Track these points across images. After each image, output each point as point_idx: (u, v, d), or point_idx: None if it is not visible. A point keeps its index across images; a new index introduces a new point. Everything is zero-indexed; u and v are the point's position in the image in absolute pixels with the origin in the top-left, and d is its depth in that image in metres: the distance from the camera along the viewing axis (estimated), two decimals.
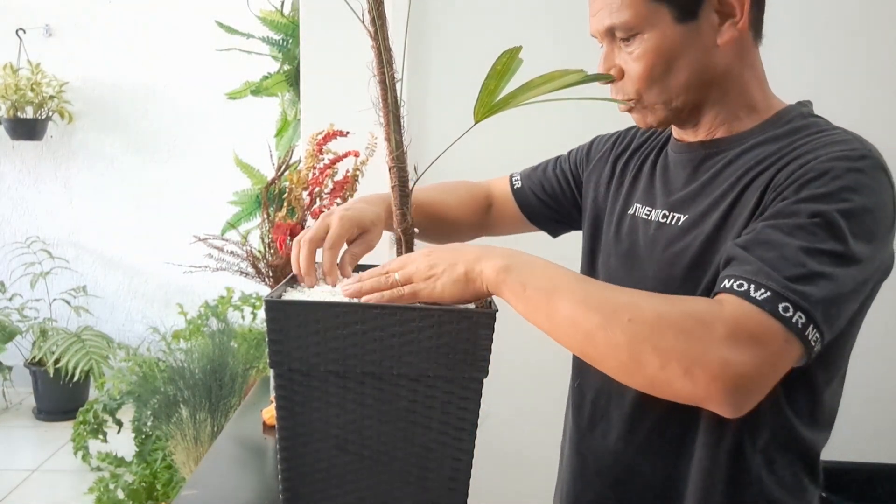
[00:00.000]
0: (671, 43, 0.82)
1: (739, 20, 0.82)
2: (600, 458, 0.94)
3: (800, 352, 0.68)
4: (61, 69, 3.51)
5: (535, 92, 0.81)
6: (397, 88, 0.82)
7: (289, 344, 0.77)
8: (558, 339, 0.74)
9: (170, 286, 3.64)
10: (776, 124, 0.84)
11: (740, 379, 0.65)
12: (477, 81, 0.82)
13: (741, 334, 0.66)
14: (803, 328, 0.67)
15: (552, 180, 1.14)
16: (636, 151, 1.02)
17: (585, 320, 0.70)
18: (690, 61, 0.83)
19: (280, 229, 1.15)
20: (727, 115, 0.87)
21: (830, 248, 0.70)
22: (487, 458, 1.06)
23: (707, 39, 0.82)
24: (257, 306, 2.44)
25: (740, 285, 0.68)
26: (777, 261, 0.69)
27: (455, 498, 0.82)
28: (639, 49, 0.83)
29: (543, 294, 0.73)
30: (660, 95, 0.85)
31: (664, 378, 0.67)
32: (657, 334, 0.67)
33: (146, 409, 2.18)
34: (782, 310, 0.66)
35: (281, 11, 2.11)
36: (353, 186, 1.19)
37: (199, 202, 3.62)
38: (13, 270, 3.61)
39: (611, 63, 0.86)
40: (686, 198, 0.88)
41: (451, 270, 0.78)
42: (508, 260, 0.76)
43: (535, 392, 1.85)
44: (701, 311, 0.68)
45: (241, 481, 1.06)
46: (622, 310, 0.69)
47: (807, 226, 0.71)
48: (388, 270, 0.81)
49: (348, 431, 0.80)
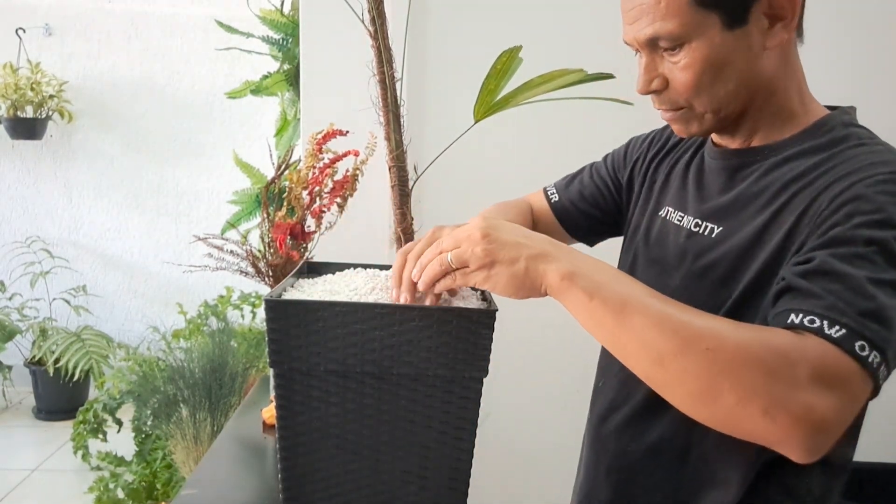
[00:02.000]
0: (721, 51, 0.77)
1: (790, 21, 0.78)
2: (612, 456, 0.93)
3: (871, 389, 0.65)
4: (61, 68, 3.51)
5: (534, 91, 0.81)
6: (397, 88, 0.82)
7: (289, 343, 0.77)
8: (621, 356, 0.70)
9: (170, 286, 3.64)
10: (815, 134, 0.81)
11: (822, 423, 0.62)
12: (477, 81, 0.82)
13: (826, 377, 0.62)
14: (877, 367, 0.64)
15: (591, 188, 1.10)
16: (671, 151, 0.99)
17: (659, 343, 0.66)
18: (740, 68, 0.79)
19: (280, 229, 1.15)
20: (766, 122, 0.83)
21: (891, 277, 0.66)
22: (487, 458, 1.06)
23: (756, 44, 0.78)
24: (257, 305, 2.44)
25: (811, 321, 0.64)
26: (844, 293, 0.65)
27: (455, 498, 0.82)
28: (686, 58, 0.78)
29: (612, 308, 0.68)
30: (709, 104, 0.81)
31: (739, 415, 0.63)
32: (738, 368, 0.63)
33: (146, 409, 2.18)
34: (859, 349, 0.63)
35: (281, 11, 2.11)
36: (353, 186, 1.19)
37: (199, 202, 3.63)
38: (13, 270, 3.61)
39: (654, 73, 0.82)
40: (721, 208, 0.85)
41: (510, 264, 0.71)
42: (575, 265, 0.71)
43: (536, 391, 1.85)
44: (784, 347, 0.64)
45: (241, 481, 1.06)
46: (701, 338, 0.65)
47: (866, 254, 0.67)
48: (442, 249, 0.74)
49: (348, 431, 0.80)
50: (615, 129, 1.25)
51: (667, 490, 0.87)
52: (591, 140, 1.73)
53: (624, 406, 0.93)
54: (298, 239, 1.17)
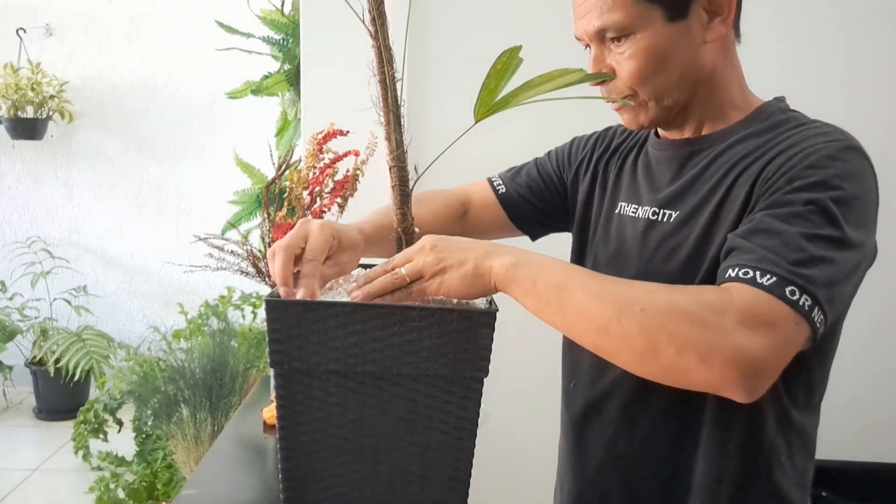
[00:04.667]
0: (663, 41, 0.83)
1: (727, 17, 0.84)
2: (601, 454, 0.94)
3: (808, 334, 0.70)
4: (61, 69, 3.52)
5: (534, 91, 0.81)
6: (397, 88, 0.82)
7: (289, 343, 0.77)
8: (571, 333, 0.75)
9: (170, 286, 3.64)
10: (757, 120, 0.87)
11: (754, 363, 0.67)
12: (477, 81, 0.82)
13: (753, 320, 0.67)
14: (810, 310, 0.68)
15: (537, 181, 1.13)
16: (616, 151, 1.03)
17: (598, 313, 0.71)
18: (681, 59, 0.84)
19: (280, 229, 1.15)
20: (713, 111, 0.89)
21: (827, 233, 0.72)
22: (487, 458, 1.06)
23: (696, 37, 0.84)
24: (257, 305, 2.44)
25: (745, 273, 0.70)
26: (778, 247, 0.71)
27: (455, 498, 0.82)
28: (631, 49, 0.84)
29: (555, 290, 0.74)
30: (653, 93, 0.86)
31: (680, 366, 0.68)
32: (672, 323, 0.68)
33: (147, 409, 2.18)
34: (789, 293, 0.68)
35: (281, 11, 2.11)
36: (353, 186, 1.19)
37: (200, 202, 3.63)
38: (14, 270, 3.61)
39: (602, 64, 0.87)
40: (675, 194, 0.89)
41: (459, 266, 0.77)
42: (518, 257, 0.77)
43: (536, 392, 1.85)
44: (713, 300, 0.69)
45: (242, 481, 1.06)
46: (634, 301, 0.70)
47: (803, 213, 0.73)
48: (394, 266, 0.80)
49: (348, 431, 0.80)
50: None
51: (667, 472, 0.88)
52: None
53: (607, 402, 0.93)
54: None
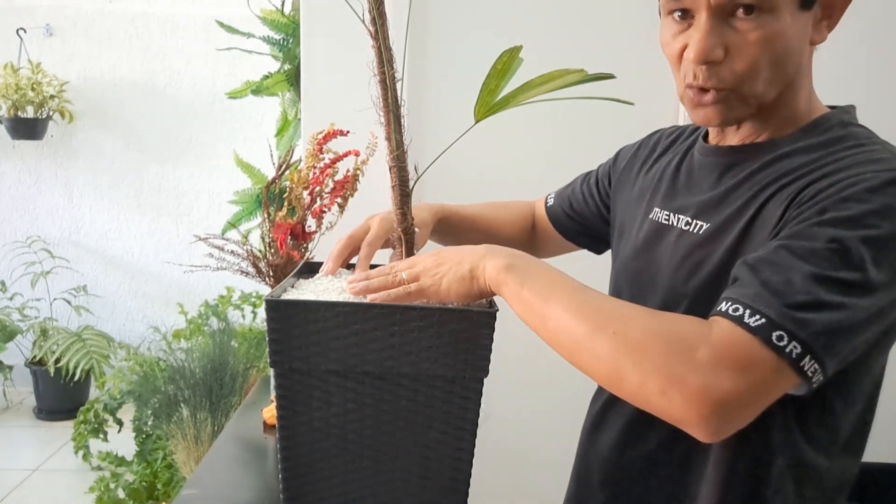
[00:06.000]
0: (791, 30, 0.74)
1: (834, 20, 0.77)
2: (603, 467, 0.92)
3: (794, 382, 0.65)
4: (62, 69, 3.51)
5: (535, 91, 0.81)
6: (398, 88, 0.82)
7: (289, 343, 0.77)
8: (549, 344, 0.74)
9: (170, 286, 3.64)
10: (812, 133, 0.78)
11: (718, 405, 0.63)
12: (477, 81, 0.82)
13: (727, 360, 0.63)
14: (798, 359, 0.63)
15: (579, 196, 1.13)
16: (661, 156, 0.97)
17: (574, 328, 0.69)
18: (798, 55, 0.76)
19: (280, 229, 1.15)
20: (777, 119, 0.80)
21: (844, 276, 0.65)
22: (487, 458, 1.06)
23: (807, 34, 0.76)
24: (257, 305, 2.44)
25: (735, 309, 0.65)
26: (781, 286, 0.65)
27: (455, 498, 0.82)
28: (760, 29, 0.72)
29: (539, 298, 0.73)
30: (763, 87, 0.76)
31: (643, 394, 0.66)
32: (639, 350, 0.65)
33: (147, 409, 2.18)
34: (776, 339, 0.63)
35: (281, 11, 2.11)
36: (353, 186, 1.19)
37: (200, 202, 3.63)
38: (14, 270, 3.61)
39: (717, 39, 0.74)
40: (709, 204, 0.82)
41: (456, 268, 0.78)
42: (511, 260, 0.76)
43: (536, 392, 1.85)
44: (688, 332, 0.66)
45: (242, 481, 1.06)
46: (610, 322, 0.68)
47: (822, 251, 0.66)
48: (397, 270, 0.81)
49: (348, 431, 0.80)
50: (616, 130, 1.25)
51: (660, 499, 0.85)
52: (592, 140, 1.73)
53: (615, 416, 0.91)
54: (299, 239, 1.17)
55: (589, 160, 1.17)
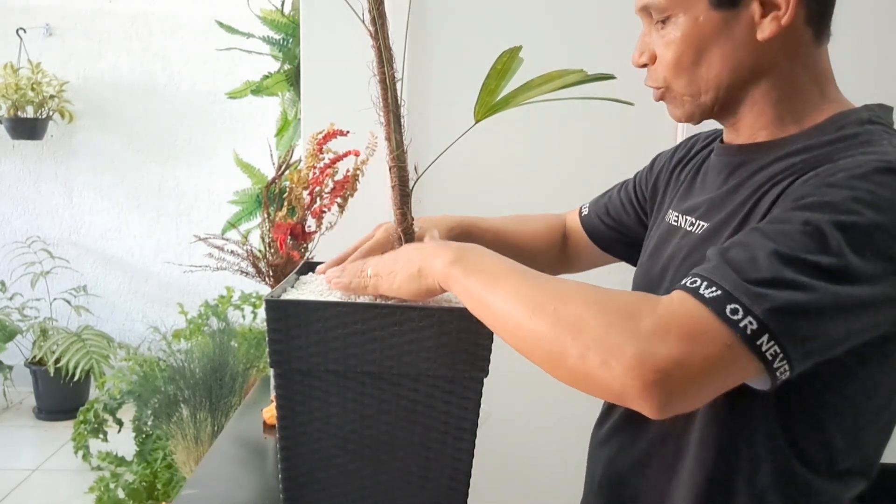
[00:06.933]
0: (704, 30, 0.76)
1: (784, 15, 0.74)
2: (604, 467, 0.91)
3: (754, 365, 0.60)
4: (62, 69, 3.51)
5: (535, 92, 0.81)
6: (398, 88, 0.82)
7: (289, 343, 0.77)
8: (498, 334, 0.70)
9: (170, 286, 3.64)
10: (824, 131, 0.75)
11: (661, 374, 0.59)
12: (477, 81, 0.82)
13: (673, 329, 0.60)
14: (753, 335, 0.59)
15: (616, 202, 1.10)
16: (693, 158, 0.96)
17: (515, 311, 0.66)
18: (725, 54, 0.76)
19: (280, 229, 1.15)
20: (771, 117, 0.79)
21: (815, 259, 0.61)
22: (487, 458, 1.06)
23: (746, 32, 0.75)
24: (257, 305, 2.44)
25: (693, 282, 0.63)
26: (744, 262, 0.62)
27: (455, 498, 0.82)
28: (671, 34, 0.77)
29: (483, 287, 0.70)
30: (688, 87, 0.79)
31: (583, 369, 0.62)
32: (580, 324, 0.62)
33: (147, 409, 2.18)
34: (729, 311, 0.60)
35: (281, 11, 2.11)
36: (353, 186, 1.19)
37: (200, 202, 3.63)
38: (13, 270, 3.61)
39: (645, 45, 0.82)
40: (711, 204, 0.82)
41: (407, 266, 0.76)
42: (458, 253, 0.73)
43: (536, 392, 1.85)
44: (631, 302, 0.63)
45: (242, 481, 1.06)
46: (551, 300, 0.65)
47: (792, 233, 0.63)
48: (367, 265, 0.82)
49: (348, 431, 0.80)
50: (616, 130, 1.25)
51: (654, 499, 0.84)
52: (592, 140, 1.73)
53: (612, 414, 0.91)
54: (299, 239, 1.17)
55: (589, 160, 1.18)
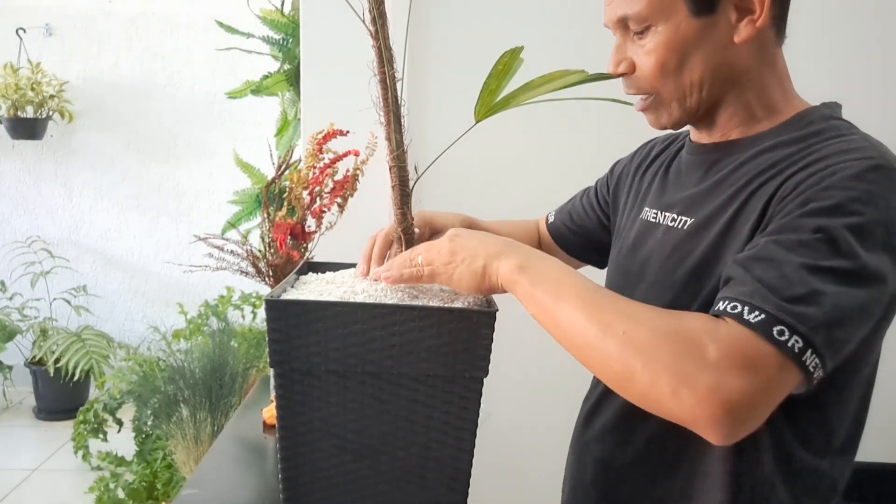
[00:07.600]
0: (685, 37, 0.78)
1: (759, 18, 0.78)
2: (598, 464, 0.92)
3: (798, 378, 0.64)
4: (61, 69, 3.51)
5: (535, 92, 0.81)
6: (398, 88, 0.82)
7: (289, 343, 0.77)
8: (563, 345, 0.73)
9: (170, 286, 3.64)
10: (794, 126, 0.80)
11: (730, 405, 0.62)
12: (477, 81, 0.82)
13: (735, 359, 0.63)
14: (800, 353, 0.63)
15: (579, 209, 1.14)
16: (655, 160, 0.99)
17: (585, 329, 0.69)
18: (706, 57, 0.79)
19: (280, 229, 1.15)
20: (744, 116, 0.83)
21: (835, 265, 0.65)
22: (487, 458, 1.06)
23: (724, 36, 0.79)
24: (257, 305, 2.44)
25: (734, 307, 0.65)
26: (775, 280, 0.65)
27: (455, 498, 0.82)
28: (651, 42, 0.80)
29: (550, 298, 0.72)
30: (674, 92, 0.82)
31: (654, 396, 0.65)
32: (650, 350, 0.65)
33: (146, 409, 2.18)
34: (777, 333, 0.63)
35: (281, 11, 2.11)
36: (353, 186, 1.19)
37: (200, 202, 3.63)
38: (13, 270, 3.61)
39: (622, 56, 0.83)
40: (693, 200, 0.85)
41: (470, 261, 0.77)
42: (525, 260, 0.75)
43: (536, 392, 1.85)
44: (695, 329, 0.65)
45: (241, 481, 1.06)
46: (619, 321, 0.67)
47: (809, 242, 0.66)
48: (415, 254, 0.82)
49: (348, 431, 0.80)
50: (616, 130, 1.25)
51: (650, 499, 0.85)
52: (592, 141, 1.73)
53: (607, 409, 0.91)
54: (299, 239, 1.17)
55: (588, 160, 1.18)
